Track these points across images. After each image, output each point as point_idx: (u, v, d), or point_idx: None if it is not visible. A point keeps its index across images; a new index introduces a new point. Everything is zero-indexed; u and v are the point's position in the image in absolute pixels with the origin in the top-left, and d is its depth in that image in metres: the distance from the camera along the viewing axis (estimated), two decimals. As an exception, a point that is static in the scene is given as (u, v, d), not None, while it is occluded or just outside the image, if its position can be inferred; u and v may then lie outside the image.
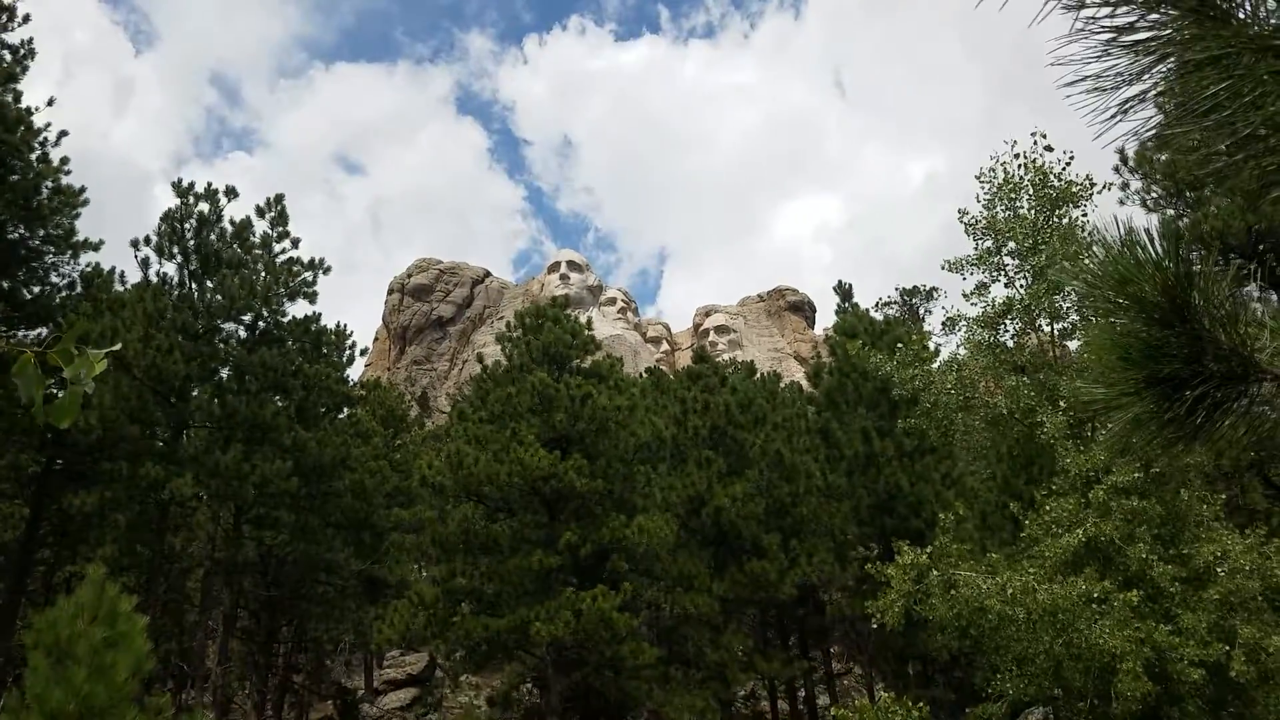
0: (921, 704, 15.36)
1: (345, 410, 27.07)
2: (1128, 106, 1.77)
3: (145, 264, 22.69)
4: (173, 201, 23.60)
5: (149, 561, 21.89)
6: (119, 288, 22.51)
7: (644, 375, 37.43)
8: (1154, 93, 1.67)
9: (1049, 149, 17.01)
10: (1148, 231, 2.04)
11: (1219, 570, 14.02)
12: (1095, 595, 13.72)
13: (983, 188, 17.74)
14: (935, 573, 15.04)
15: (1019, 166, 17.15)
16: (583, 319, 24.63)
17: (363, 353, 26.78)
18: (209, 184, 23.68)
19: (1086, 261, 2.01)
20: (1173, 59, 1.68)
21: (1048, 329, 17.60)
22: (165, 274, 22.92)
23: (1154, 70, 1.70)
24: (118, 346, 2.39)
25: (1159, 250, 1.98)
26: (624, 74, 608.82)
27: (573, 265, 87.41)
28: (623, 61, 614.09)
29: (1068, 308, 16.42)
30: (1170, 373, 1.87)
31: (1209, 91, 1.66)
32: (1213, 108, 1.81)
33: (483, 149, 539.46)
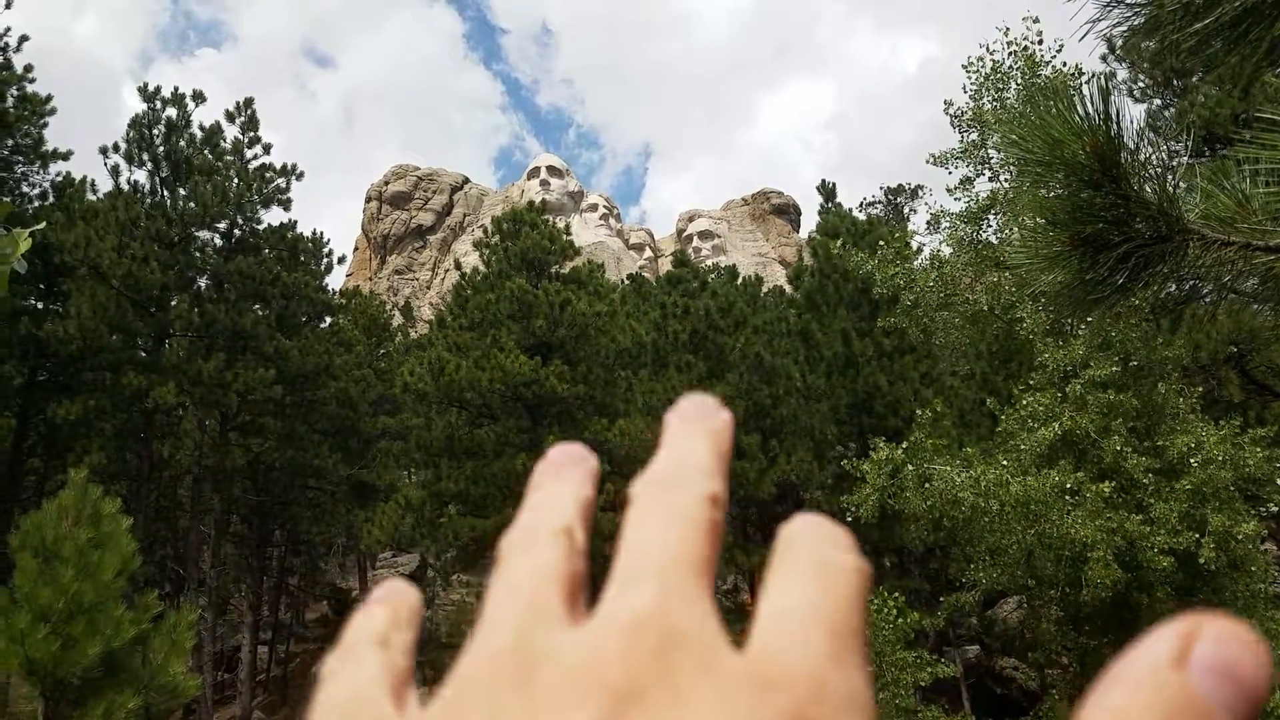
0: (897, 594, 15.86)
1: (327, 319, 27.00)
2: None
3: (115, 172, 22.24)
4: (140, 106, 23.05)
5: (138, 469, 22.10)
6: (91, 197, 22.17)
7: (626, 282, 37.35)
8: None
9: (1040, 39, 16.61)
10: (1082, 93, 2.01)
11: (1192, 461, 14.22)
12: (1069, 487, 13.99)
13: (970, 77, 17.38)
14: (910, 467, 15.31)
15: (1009, 54, 16.74)
16: (564, 225, 24.40)
17: (340, 260, 26.53)
18: (175, 88, 23.12)
19: (1020, 130, 2.00)
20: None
21: (1031, 216, 17.49)
22: (136, 182, 22.51)
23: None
24: (42, 225, 2.38)
25: (1092, 113, 1.97)
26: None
27: (553, 170, 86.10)
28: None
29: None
30: (1095, 233, 1.88)
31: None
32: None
33: (457, 36, 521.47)
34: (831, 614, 0.26)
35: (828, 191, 26.03)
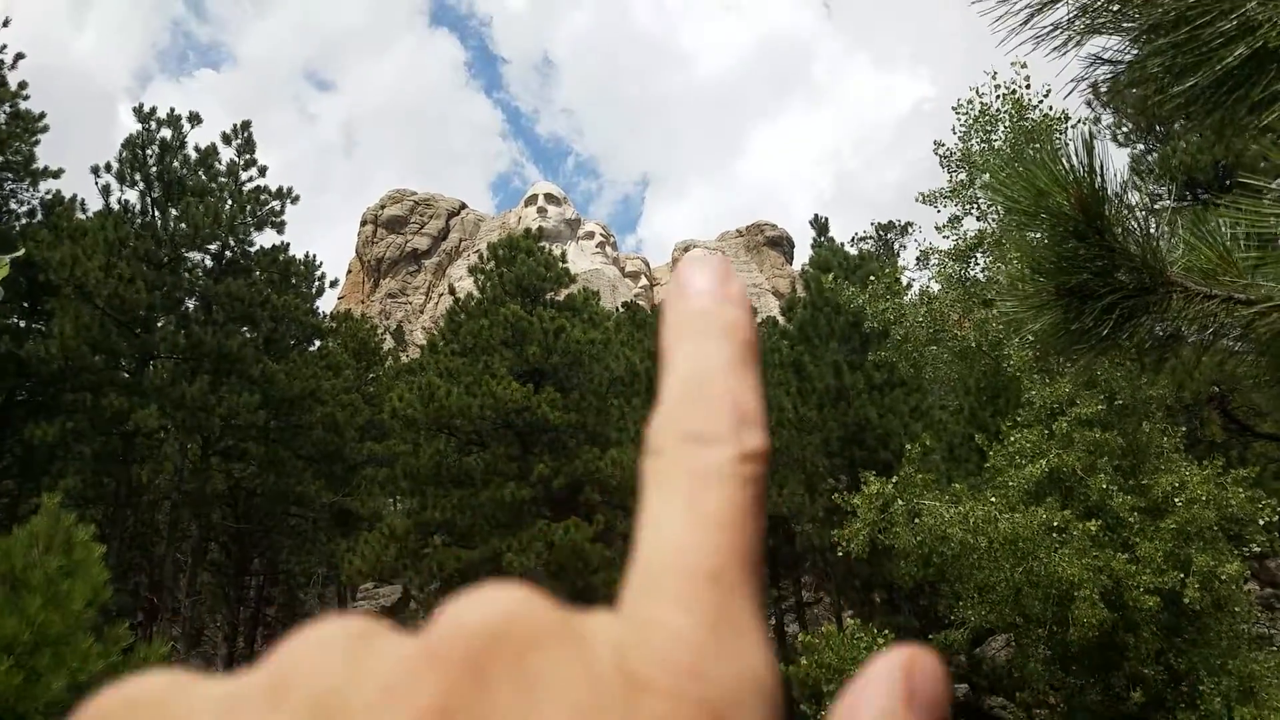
0: (887, 631, 15.71)
1: (315, 342, 26.85)
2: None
3: (106, 191, 22.18)
4: (135, 127, 23.02)
5: (115, 494, 21.78)
6: (80, 215, 22.08)
7: (621, 309, 37.36)
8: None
9: (1027, 83, 16.83)
10: (1066, 145, 1.97)
11: (1176, 500, 14.24)
12: (1056, 525, 13.95)
13: (959, 119, 17.59)
14: (900, 502, 15.25)
15: (997, 97, 16.96)
16: (560, 253, 24.41)
17: (333, 284, 26.48)
18: (171, 109, 23.14)
19: (1004, 176, 1.95)
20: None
21: (1017, 262, 17.58)
22: (127, 201, 22.44)
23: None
24: (21, 252, 2.35)
25: (1076, 165, 1.93)
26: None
27: (550, 198, 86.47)
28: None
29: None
30: (1079, 284, 1.83)
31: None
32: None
33: (459, 63, 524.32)
34: (711, 554, 0.21)
35: (820, 226, 26.15)
